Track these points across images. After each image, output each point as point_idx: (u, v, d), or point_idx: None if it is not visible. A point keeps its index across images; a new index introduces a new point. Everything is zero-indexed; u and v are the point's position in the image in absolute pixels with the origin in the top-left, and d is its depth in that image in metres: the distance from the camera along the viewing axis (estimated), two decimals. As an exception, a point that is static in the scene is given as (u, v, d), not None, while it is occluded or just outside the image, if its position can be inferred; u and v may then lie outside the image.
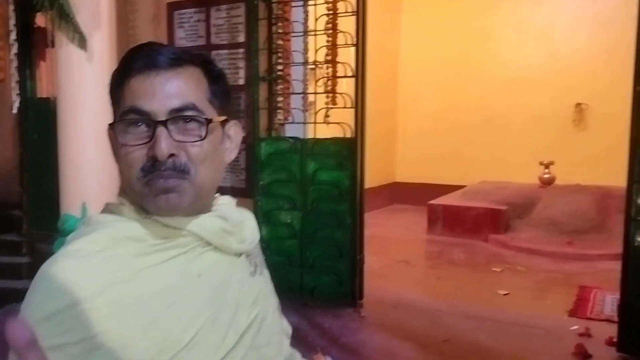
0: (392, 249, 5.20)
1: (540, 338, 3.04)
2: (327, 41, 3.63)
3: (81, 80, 2.64)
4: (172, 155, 0.73)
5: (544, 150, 6.35)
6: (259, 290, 0.88)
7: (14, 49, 3.06)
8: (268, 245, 3.73)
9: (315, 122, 3.67)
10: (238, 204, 0.91)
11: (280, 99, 3.85)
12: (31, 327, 0.48)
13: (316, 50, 3.65)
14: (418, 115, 7.62)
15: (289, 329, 1.07)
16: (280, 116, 3.89)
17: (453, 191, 6.44)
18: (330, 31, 3.61)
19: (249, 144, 3.90)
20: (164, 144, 0.72)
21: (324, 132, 3.69)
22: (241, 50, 4.05)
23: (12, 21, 3.02)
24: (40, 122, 4.13)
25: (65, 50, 2.64)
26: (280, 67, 3.82)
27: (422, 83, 7.57)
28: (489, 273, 4.42)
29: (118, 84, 0.76)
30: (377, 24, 4.46)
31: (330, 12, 3.58)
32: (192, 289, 0.76)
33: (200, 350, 0.74)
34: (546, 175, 6.00)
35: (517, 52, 6.92)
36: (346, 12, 3.51)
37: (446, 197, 6.19)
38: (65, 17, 2.51)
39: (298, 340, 3.27)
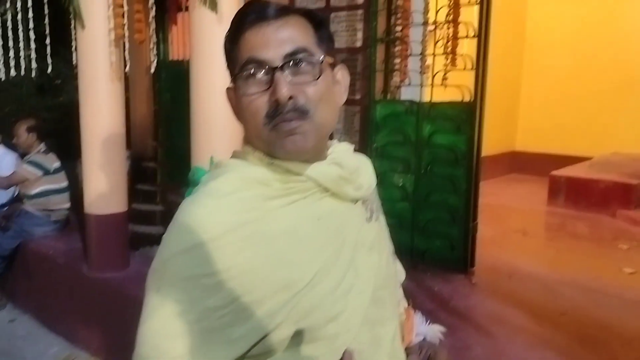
0: (509, 218, 5.01)
1: (671, 321, 2.81)
2: (449, 0, 3.51)
3: (212, 42, 2.80)
4: (291, 97, 0.78)
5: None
6: (375, 235, 0.92)
7: (152, 12, 3.30)
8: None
9: (432, 85, 3.59)
10: (355, 150, 0.95)
11: (397, 60, 3.81)
12: None
13: (437, 10, 3.54)
14: (545, 79, 7.14)
15: (402, 274, 1.12)
16: (396, 78, 3.85)
17: (579, 162, 6.02)
18: (453, -11, 3.48)
19: (364, 106, 3.92)
20: (284, 88, 0.77)
21: (442, 95, 3.61)
22: (360, 11, 4.03)
23: (151, -14, 3.26)
24: (172, 82, 4.46)
25: (197, 13, 2.80)
26: (399, 28, 3.76)
27: (551, 44, 7.05)
28: (614, 249, 4.13)
29: (233, 42, 0.82)
30: (504, -19, 4.22)
31: (454, -31, 3.44)
32: (313, 230, 0.81)
33: (322, 288, 0.78)
34: (690, 148, 5.40)
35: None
36: (471, -32, 3.36)
37: (571, 167, 5.81)
38: (198, -20, 2.67)
39: (407, 301, 3.30)
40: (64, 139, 4.70)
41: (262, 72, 0.79)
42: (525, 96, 7.45)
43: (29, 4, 3.66)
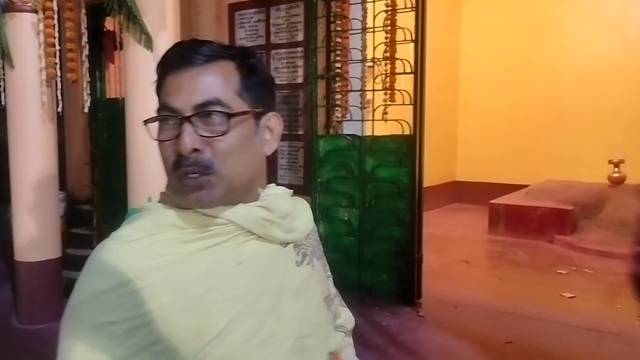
0: (452, 248, 5.10)
1: (610, 343, 2.90)
2: (386, 38, 3.61)
3: (147, 80, 2.72)
4: (195, 150, 0.74)
5: (615, 147, 6.05)
6: (304, 280, 0.87)
7: (85, 51, 3.22)
8: (326, 242, 3.74)
9: (373, 120, 3.65)
10: (294, 195, 0.92)
11: (338, 96, 3.86)
12: None
13: (374, 47, 3.63)
14: (480, 112, 7.44)
15: (349, 322, 1.05)
16: (338, 114, 3.90)
17: (516, 190, 6.24)
18: (389, 28, 3.58)
19: (308, 141, 3.93)
20: (188, 139, 0.73)
21: (382, 129, 3.67)
22: (300, 48, 4.09)
23: (84, 25, 3.18)
24: (109, 121, 4.34)
25: (133, 51, 2.75)
26: (338, 65, 3.82)
27: (484, 79, 7.38)
28: (554, 275, 4.26)
29: (158, 83, 0.79)
30: (437, 19, 4.38)
31: (389, 8, 3.55)
32: (232, 276, 0.77)
33: (237, 336, 0.75)
34: (616, 175, 5.71)
35: (588, 44, 6.62)
36: (405, 8, 3.47)
37: (509, 196, 6.02)
38: (132, 18, 2.62)
39: (355, 337, 3.25)
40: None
41: (172, 121, 0.75)
42: (462, 128, 7.72)
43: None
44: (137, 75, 2.78)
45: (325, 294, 0.94)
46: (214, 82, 0.76)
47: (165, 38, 2.77)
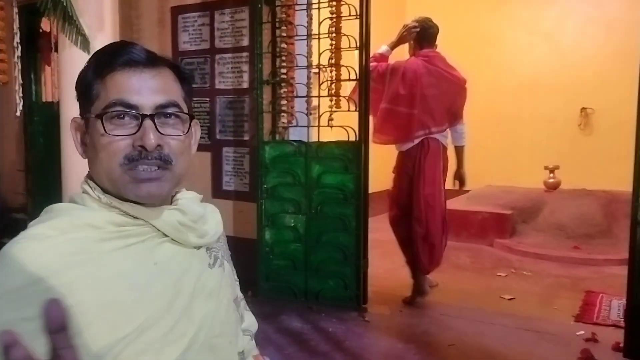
0: (397, 253, 5.13)
1: (547, 343, 3.00)
2: (331, 45, 3.63)
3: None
4: (158, 146, 0.79)
5: (550, 154, 6.32)
6: (216, 282, 0.91)
7: (18, 52, 3.07)
8: (272, 249, 3.71)
9: (319, 126, 3.66)
10: (203, 200, 0.97)
11: (284, 102, 3.84)
12: (65, 309, 0.51)
13: (320, 54, 3.64)
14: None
15: (253, 326, 1.09)
16: (284, 119, 3.88)
17: (457, 196, 6.40)
18: (333, 35, 3.60)
19: (253, 147, 3.90)
20: (153, 136, 0.78)
21: (328, 135, 3.68)
22: (245, 53, 4.05)
23: (16, 24, 3.03)
24: (45, 126, 4.15)
25: (69, 53, 2.64)
26: (284, 71, 3.82)
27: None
28: (494, 277, 4.39)
29: (97, 77, 0.81)
30: (381, 27, 4.45)
31: (334, 15, 3.58)
32: (148, 275, 0.80)
33: (151, 335, 0.77)
34: (551, 180, 5.96)
35: (525, 55, 6.89)
36: (350, 15, 3.51)
37: (451, 201, 6.12)
38: (68, 19, 2.51)
39: (302, 344, 3.24)
40: None
41: (128, 117, 0.79)
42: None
43: None
44: (72, 78, 2.66)
45: (234, 296, 0.99)
46: (170, 87, 0.84)
47: (103, 40, 2.67)
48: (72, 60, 2.62)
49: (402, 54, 3.95)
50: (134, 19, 4.23)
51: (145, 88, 0.80)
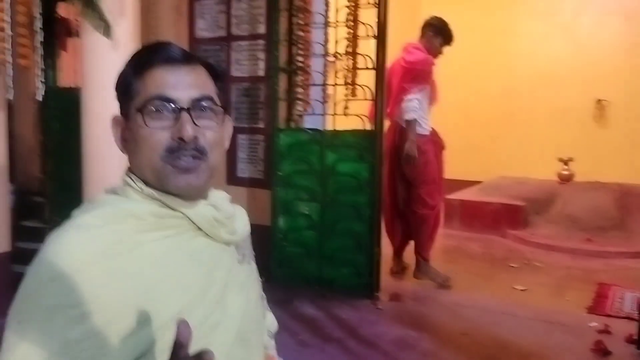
0: (411, 242, 5.17)
1: (559, 334, 3.01)
2: (348, 33, 3.62)
3: (106, 68, 2.66)
4: (194, 137, 0.83)
5: (564, 146, 6.28)
6: (245, 277, 0.95)
7: (39, 37, 3.09)
8: (286, 236, 3.74)
9: (334, 114, 3.66)
10: (232, 200, 1.00)
11: (300, 90, 3.85)
12: (190, 330, 0.62)
13: (336, 42, 3.64)
14: (438, 109, 7.54)
15: (273, 326, 1.14)
16: (299, 107, 3.89)
17: (470, 186, 6.39)
18: (351, 23, 3.60)
19: (268, 134, 3.91)
20: (190, 127, 0.82)
21: (344, 124, 3.69)
22: (261, 41, 4.05)
23: (38, 9, 3.06)
24: (61, 111, 4.17)
25: (91, 39, 2.66)
26: (300, 59, 3.81)
27: (439, 77, 7.49)
28: (507, 268, 4.39)
29: (136, 75, 0.86)
30: (398, 15, 4.44)
31: (352, 3, 3.57)
32: (183, 266, 0.83)
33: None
34: (565, 172, 5.93)
35: (541, 46, 6.81)
36: (367, 3, 3.50)
37: (464, 192, 6.15)
38: (91, 5, 2.53)
39: (315, 331, 3.28)
40: None
41: (166, 111, 0.83)
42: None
43: None
44: (95, 64, 2.69)
45: (259, 294, 1.03)
46: (203, 82, 0.88)
47: (125, 26, 2.70)
48: (94, 46, 2.64)
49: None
50: (151, 5, 4.23)
51: (182, 83, 0.84)
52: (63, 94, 4.24)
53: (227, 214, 0.93)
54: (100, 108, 2.68)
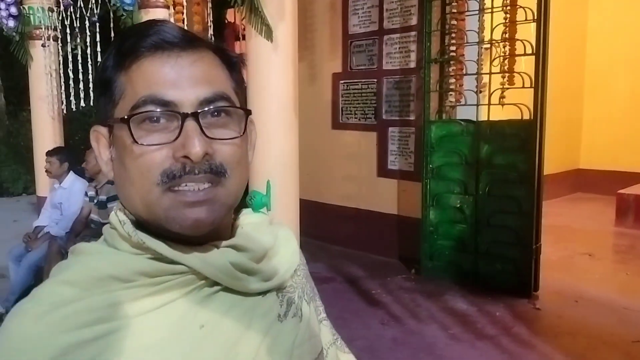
0: (574, 240, 4.81)
1: None
2: (505, 18, 3.46)
3: (268, 69, 2.89)
4: (206, 154, 0.58)
5: None
6: (288, 340, 0.67)
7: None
8: (436, 229, 3.71)
9: (489, 104, 3.53)
10: (272, 222, 0.74)
11: (452, 80, 3.77)
12: None
13: (492, 29, 3.49)
14: (608, 95, 6.87)
15: None
16: (451, 98, 3.81)
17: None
18: (508, 7, 3.43)
19: (419, 127, 3.90)
20: (198, 141, 0.57)
21: (499, 114, 3.54)
22: (413, 33, 4.05)
23: (210, 18, 3.39)
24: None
25: (254, 42, 2.89)
26: (453, 48, 3.73)
27: (613, 59, 6.80)
28: (690, 272, 3.88)
29: (118, 69, 0.60)
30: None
31: (509, -13, 3.40)
32: (192, 343, 0.59)
33: None
34: None
35: None
36: (527, -15, 3.30)
37: (639, 186, 5.54)
38: (254, 10, 2.75)
39: (466, 326, 3.23)
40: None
41: (164, 118, 0.58)
42: (588, 112, 7.18)
43: (97, 38, 3.88)
44: (258, 65, 2.92)
45: (316, 354, 0.72)
46: (216, 74, 0.62)
47: (284, 28, 2.88)
48: (258, 49, 2.87)
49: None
50: (307, 4, 4.45)
51: (184, 78, 0.59)
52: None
53: (259, 252, 0.66)
54: (260, 105, 2.90)
